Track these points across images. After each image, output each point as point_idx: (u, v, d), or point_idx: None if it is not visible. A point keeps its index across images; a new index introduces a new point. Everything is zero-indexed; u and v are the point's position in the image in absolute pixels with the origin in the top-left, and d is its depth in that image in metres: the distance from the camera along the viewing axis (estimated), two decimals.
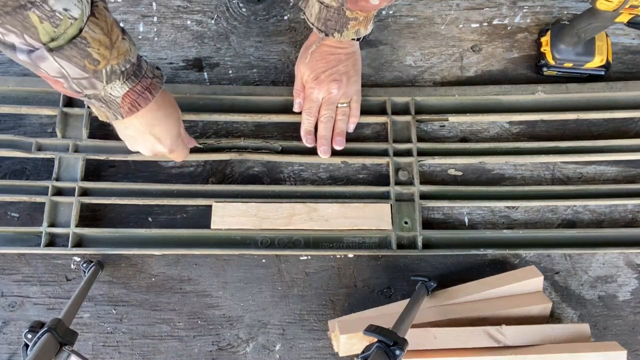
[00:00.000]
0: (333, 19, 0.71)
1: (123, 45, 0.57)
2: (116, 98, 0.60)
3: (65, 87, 0.56)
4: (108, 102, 0.60)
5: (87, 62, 0.54)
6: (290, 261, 0.79)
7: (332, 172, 0.84)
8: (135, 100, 0.61)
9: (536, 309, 0.73)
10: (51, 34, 0.50)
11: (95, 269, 0.74)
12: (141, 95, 0.61)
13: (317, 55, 0.80)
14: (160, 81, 0.63)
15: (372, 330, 0.60)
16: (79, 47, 0.52)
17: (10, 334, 0.75)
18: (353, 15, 0.70)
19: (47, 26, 0.49)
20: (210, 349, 0.75)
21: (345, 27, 0.72)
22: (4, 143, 0.81)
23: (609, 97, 0.87)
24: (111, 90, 0.58)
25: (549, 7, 0.94)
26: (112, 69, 0.56)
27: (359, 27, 0.73)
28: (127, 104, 0.61)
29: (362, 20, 0.71)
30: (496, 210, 0.83)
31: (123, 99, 0.60)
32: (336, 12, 0.70)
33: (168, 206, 0.81)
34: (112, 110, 0.62)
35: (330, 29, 0.73)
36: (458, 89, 0.87)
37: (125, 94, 0.60)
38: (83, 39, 0.52)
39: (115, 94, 0.59)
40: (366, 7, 0.67)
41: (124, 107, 0.61)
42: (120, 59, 0.57)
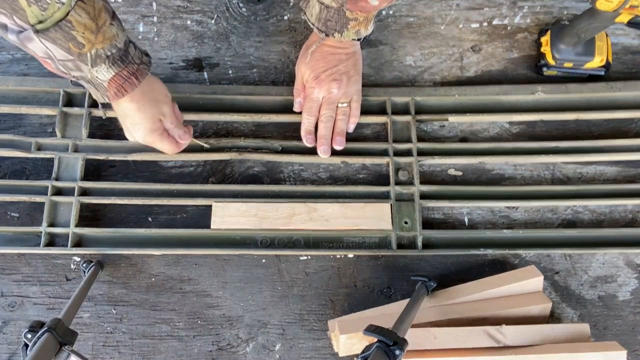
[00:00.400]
0: (333, 19, 0.71)
1: (110, 31, 0.58)
2: (102, 82, 0.62)
3: (53, 68, 0.59)
4: (95, 85, 0.62)
5: (71, 45, 0.55)
6: (290, 261, 0.79)
7: (332, 172, 0.84)
8: (121, 85, 0.63)
9: (536, 309, 0.73)
10: (39, 17, 0.52)
11: (95, 269, 0.74)
12: (127, 80, 0.63)
13: (318, 55, 0.80)
14: (147, 67, 0.65)
15: (372, 330, 0.60)
16: (63, 29, 0.54)
17: (10, 334, 0.75)
18: (353, 16, 0.70)
19: (34, 9, 0.51)
20: (210, 349, 0.75)
21: (346, 28, 0.72)
22: (3, 143, 0.81)
23: (609, 97, 0.87)
24: (97, 73, 0.60)
25: (549, 7, 0.94)
26: (97, 52, 0.58)
27: (359, 28, 0.73)
28: (113, 88, 0.63)
29: (362, 20, 0.71)
30: (496, 210, 0.83)
31: (109, 83, 0.62)
32: (336, 12, 0.70)
33: (168, 206, 0.81)
34: (100, 92, 0.64)
35: (330, 29, 0.73)
36: (458, 89, 0.87)
37: (112, 78, 0.61)
38: (68, 22, 0.53)
39: (102, 77, 0.61)
40: (366, 7, 0.68)
41: (110, 90, 0.63)
42: (105, 43, 0.58)
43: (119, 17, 0.61)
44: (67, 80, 0.83)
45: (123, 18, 0.90)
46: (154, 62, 0.87)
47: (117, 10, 0.89)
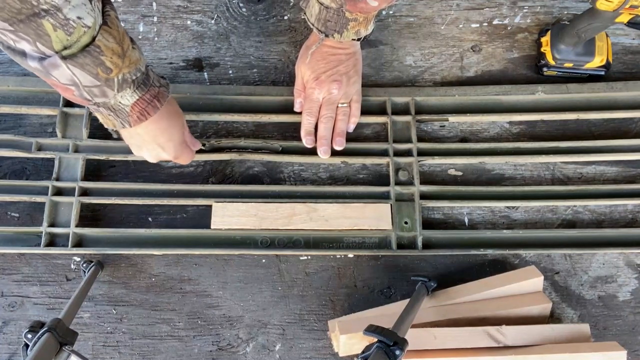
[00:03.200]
0: (333, 19, 0.71)
1: (134, 54, 0.57)
2: (125, 107, 0.60)
3: (75, 95, 0.56)
4: (117, 111, 0.61)
5: (100, 70, 0.54)
6: (290, 261, 0.79)
7: (332, 172, 0.84)
8: (144, 108, 0.62)
9: (536, 309, 0.73)
10: (64, 42, 0.50)
11: (95, 269, 0.74)
12: (150, 103, 0.62)
13: (318, 56, 0.80)
14: (167, 90, 0.64)
15: (372, 330, 0.60)
16: (92, 55, 0.52)
17: (10, 334, 0.75)
18: (353, 17, 0.70)
19: (60, 34, 0.49)
20: (210, 349, 0.75)
21: (345, 28, 0.72)
22: (4, 143, 0.81)
23: (609, 97, 0.87)
24: (121, 98, 0.59)
25: (549, 7, 0.94)
26: (123, 77, 0.57)
27: (359, 28, 0.73)
28: (136, 112, 0.61)
29: (362, 21, 0.71)
30: (496, 210, 0.83)
31: (132, 108, 0.61)
32: (336, 13, 0.70)
33: (168, 206, 0.81)
34: (120, 118, 0.62)
35: (330, 29, 0.73)
36: (458, 89, 0.87)
37: (135, 102, 0.60)
38: (97, 47, 0.52)
39: (125, 102, 0.60)
40: (365, 8, 0.67)
41: (132, 115, 0.61)
42: (131, 67, 0.57)
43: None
44: None
45: (123, 18, 0.90)
46: (154, 62, 0.88)
47: (117, 10, 0.90)
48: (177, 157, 0.74)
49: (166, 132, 0.69)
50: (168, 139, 0.70)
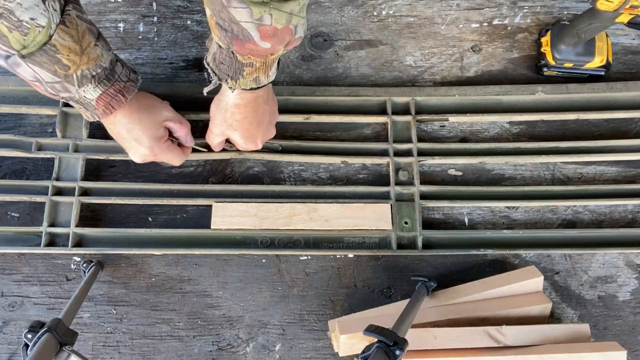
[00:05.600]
0: (226, 62, 0.61)
1: (94, 52, 0.60)
2: (91, 100, 0.63)
3: (42, 90, 0.60)
4: (84, 104, 0.64)
5: (57, 68, 0.57)
6: (290, 261, 0.79)
7: (332, 172, 0.84)
8: (108, 102, 0.64)
9: (536, 309, 0.73)
10: (22, 42, 0.53)
11: (95, 269, 0.74)
12: (114, 97, 0.64)
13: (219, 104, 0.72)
14: (135, 84, 0.66)
15: (372, 330, 0.60)
16: (48, 53, 0.55)
17: (10, 334, 0.75)
18: (247, 61, 0.60)
19: (16, 35, 0.52)
20: (210, 349, 0.75)
21: (241, 74, 0.62)
22: (4, 143, 0.81)
23: (609, 97, 0.87)
24: (85, 93, 0.62)
25: (549, 7, 0.94)
26: (82, 73, 0.59)
27: (258, 75, 0.63)
28: (101, 106, 0.64)
29: (260, 66, 0.61)
30: (496, 210, 0.83)
31: (97, 102, 0.64)
32: (227, 54, 0.60)
33: (168, 206, 0.81)
34: (89, 111, 0.66)
35: (223, 73, 0.63)
36: (458, 89, 0.87)
37: (99, 96, 0.63)
38: (52, 46, 0.55)
39: (89, 96, 0.63)
40: (256, 50, 0.56)
41: (98, 108, 0.64)
42: (90, 64, 0.60)
43: (105, 38, 0.63)
44: None
45: (123, 18, 0.90)
46: (154, 62, 0.88)
47: (117, 10, 0.90)
48: (157, 153, 0.73)
49: (138, 125, 0.70)
50: (141, 132, 0.70)
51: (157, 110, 0.73)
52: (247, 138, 0.74)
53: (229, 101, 0.70)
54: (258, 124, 0.73)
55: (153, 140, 0.72)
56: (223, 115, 0.72)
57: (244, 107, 0.70)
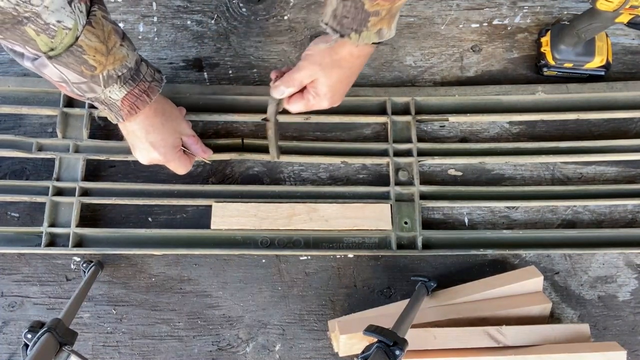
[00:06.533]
0: (350, 14, 0.59)
1: (120, 52, 0.60)
2: (116, 101, 0.63)
3: (68, 91, 0.60)
4: (109, 105, 0.64)
5: (84, 68, 0.57)
6: (290, 261, 0.79)
7: (332, 172, 0.84)
8: (133, 103, 0.64)
9: (536, 309, 0.73)
10: (49, 45, 0.53)
11: (95, 269, 0.74)
12: (139, 98, 0.64)
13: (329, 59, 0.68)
14: (159, 85, 0.66)
15: (372, 330, 0.60)
16: (75, 54, 0.55)
17: (10, 334, 0.75)
18: (374, 9, 0.59)
19: (44, 38, 0.52)
20: (210, 349, 0.75)
21: (365, 26, 0.61)
22: (4, 143, 0.81)
23: (609, 97, 0.87)
24: (110, 93, 0.62)
25: (549, 7, 0.94)
26: (108, 73, 0.60)
27: (382, 26, 0.62)
28: (127, 106, 0.64)
29: (385, 15, 0.60)
30: (496, 210, 0.83)
31: (122, 102, 0.63)
32: (353, 5, 0.59)
33: (168, 206, 0.81)
34: (113, 112, 0.65)
35: (346, 28, 0.61)
36: (458, 89, 0.87)
37: (124, 97, 0.63)
38: (79, 47, 0.55)
39: (115, 97, 0.63)
40: None
41: (123, 109, 0.64)
42: (116, 64, 0.60)
43: (129, 38, 0.62)
44: None
45: (123, 18, 0.90)
46: (154, 62, 0.88)
47: (117, 10, 0.90)
48: (169, 160, 0.74)
49: (158, 130, 0.70)
50: (160, 137, 0.71)
51: (178, 121, 0.74)
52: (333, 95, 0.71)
53: (339, 55, 0.67)
54: (349, 83, 0.73)
55: (169, 147, 0.72)
56: (320, 67, 0.68)
57: (347, 62, 0.68)
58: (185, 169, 0.77)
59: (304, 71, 0.69)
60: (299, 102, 0.72)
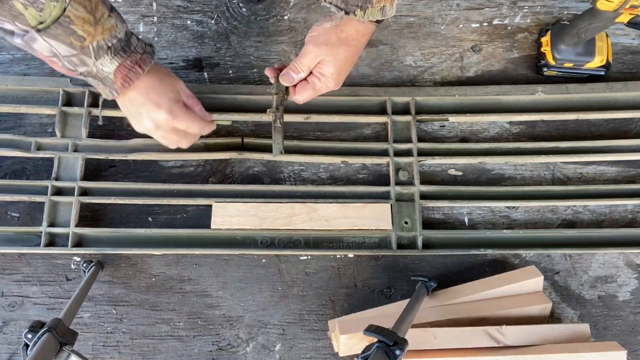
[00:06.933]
0: None
1: (108, 22, 0.60)
2: (109, 74, 0.63)
3: (60, 66, 0.61)
4: (102, 79, 0.63)
5: (73, 39, 0.57)
6: (290, 261, 0.79)
7: (332, 172, 0.84)
8: (126, 75, 0.63)
9: (536, 309, 0.73)
10: (38, 18, 0.54)
11: (95, 269, 0.74)
12: (131, 70, 0.63)
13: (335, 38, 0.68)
14: (151, 56, 0.66)
15: (372, 330, 0.60)
16: (63, 25, 0.56)
17: (10, 334, 0.75)
18: None
19: (32, 11, 0.53)
20: (210, 349, 0.75)
21: (370, 3, 0.63)
22: (3, 143, 0.81)
23: (609, 97, 0.87)
24: (102, 66, 0.62)
25: (549, 7, 0.94)
26: (98, 44, 0.60)
27: (385, 4, 0.64)
28: (120, 79, 0.63)
29: None
30: (496, 210, 0.83)
31: (115, 74, 0.63)
32: None
33: (168, 206, 0.81)
34: (107, 87, 0.65)
35: (351, 4, 0.63)
36: (458, 89, 0.87)
37: (116, 69, 0.62)
38: (67, 18, 0.56)
39: (107, 69, 0.62)
40: None
41: (117, 82, 0.64)
42: (105, 34, 0.60)
43: (118, 11, 0.63)
44: (67, 80, 0.83)
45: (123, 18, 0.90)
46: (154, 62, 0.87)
47: None
48: (176, 116, 0.69)
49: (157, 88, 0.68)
50: (161, 93, 0.68)
51: (175, 80, 0.71)
52: (338, 76, 0.71)
53: (345, 33, 0.67)
54: (352, 64, 0.72)
55: (173, 102, 0.69)
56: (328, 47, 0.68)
57: (354, 39, 0.68)
58: (198, 126, 0.72)
59: (311, 54, 0.69)
60: (306, 90, 0.71)
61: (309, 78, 0.71)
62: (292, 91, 0.72)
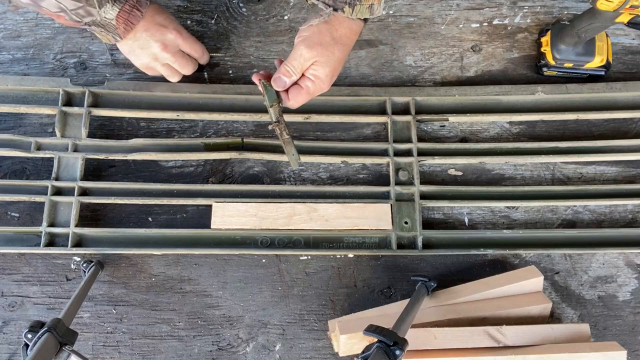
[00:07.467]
0: None
1: None
2: (111, 20, 0.70)
3: (67, 19, 0.67)
4: (106, 26, 0.71)
5: None
6: (290, 261, 0.79)
7: (332, 172, 0.84)
8: (127, 19, 0.71)
9: (536, 309, 0.73)
10: None
11: (95, 269, 0.74)
12: (131, 13, 0.71)
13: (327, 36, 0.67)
14: None
15: (372, 330, 0.60)
16: None
17: (10, 334, 0.75)
18: None
19: None
20: (210, 349, 0.75)
21: (359, 0, 0.63)
22: (3, 143, 0.81)
23: (609, 97, 0.87)
24: (105, 14, 0.69)
25: (549, 7, 0.94)
26: None
27: (373, 2, 0.64)
28: (122, 23, 0.71)
29: None
30: (496, 210, 0.83)
31: (117, 19, 0.70)
32: None
33: (168, 206, 0.81)
34: (111, 32, 0.72)
35: (339, 1, 0.63)
36: (458, 89, 0.87)
37: (118, 14, 0.70)
38: None
39: (109, 16, 0.70)
40: None
41: (119, 27, 0.71)
42: None
43: None
44: (67, 80, 0.83)
45: None
46: None
47: None
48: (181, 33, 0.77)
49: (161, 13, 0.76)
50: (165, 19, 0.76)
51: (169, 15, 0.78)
52: (332, 76, 0.69)
53: (339, 32, 0.66)
54: (343, 64, 0.70)
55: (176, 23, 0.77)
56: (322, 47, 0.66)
57: (348, 38, 0.67)
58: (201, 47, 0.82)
59: (303, 55, 0.67)
60: (300, 94, 0.69)
61: (301, 81, 0.69)
62: (285, 97, 0.70)
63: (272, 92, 0.69)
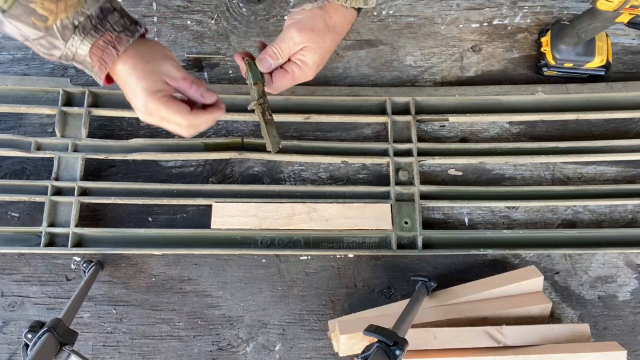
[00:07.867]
0: None
1: None
2: (85, 57, 0.57)
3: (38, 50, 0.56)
4: (83, 63, 0.58)
5: (34, 19, 0.53)
6: (290, 261, 0.79)
7: (332, 172, 0.84)
8: (100, 57, 0.57)
9: (536, 309, 0.73)
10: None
11: (95, 269, 0.74)
12: (104, 50, 0.56)
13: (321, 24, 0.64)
14: (132, 35, 0.58)
15: (372, 330, 0.60)
16: (22, 4, 0.52)
17: (10, 334, 0.75)
18: None
19: None
20: (210, 349, 0.75)
21: None
22: (3, 143, 0.81)
23: (609, 97, 0.87)
24: (75, 49, 0.56)
25: (549, 7, 0.94)
26: (62, 23, 0.54)
27: None
28: (96, 62, 0.57)
29: None
30: (496, 210, 0.83)
31: (91, 57, 0.57)
32: None
33: (168, 206, 0.81)
34: (93, 73, 0.59)
35: None
36: (458, 89, 0.87)
37: (90, 51, 0.56)
38: None
39: (82, 52, 0.56)
40: None
41: (94, 65, 0.57)
42: (69, 12, 0.54)
43: None
44: (67, 80, 0.83)
45: None
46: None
47: None
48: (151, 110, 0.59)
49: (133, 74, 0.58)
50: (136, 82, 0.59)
51: (157, 62, 0.60)
52: (319, 65, 0.66)
53: (333, 20, 0.63)
54: (331, 53, 0.67)
55: (147, 93, 0.58)
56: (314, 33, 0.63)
57: (341, 27, 0.64)
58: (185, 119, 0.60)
59: (293, 39, 0.64)
60: (285, 78, 0.66)
61: (287, 65, 0.66)
62: (269, 79, 0.66)
63: (256, 71, 0.66)
